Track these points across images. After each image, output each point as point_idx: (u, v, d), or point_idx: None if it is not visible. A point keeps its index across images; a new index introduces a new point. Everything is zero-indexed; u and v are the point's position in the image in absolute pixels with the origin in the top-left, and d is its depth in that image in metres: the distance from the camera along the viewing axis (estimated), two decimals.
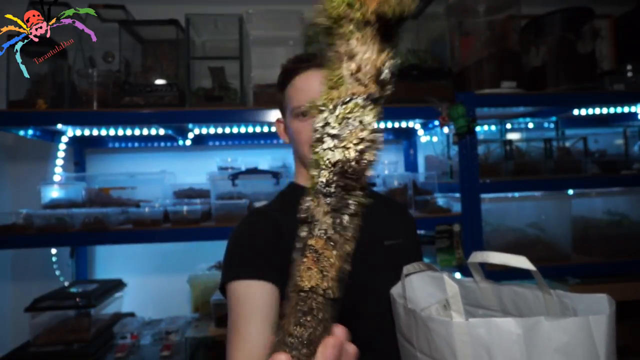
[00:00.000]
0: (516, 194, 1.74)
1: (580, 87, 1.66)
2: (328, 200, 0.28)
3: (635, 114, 1.94)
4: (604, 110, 1.88)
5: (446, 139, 1.82)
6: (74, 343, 1.47)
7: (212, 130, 1.91)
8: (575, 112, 1.87)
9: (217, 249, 1.89)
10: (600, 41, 1.97)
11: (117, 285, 1.73)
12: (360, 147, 0.27)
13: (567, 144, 1.90)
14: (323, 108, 0.28)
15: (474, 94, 1.59)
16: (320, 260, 0.29)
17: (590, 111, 1.87)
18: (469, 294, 0.79)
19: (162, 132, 1.80)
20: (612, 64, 1.98)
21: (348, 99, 0.27)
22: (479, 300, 0.78)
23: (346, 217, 0.29)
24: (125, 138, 1.90)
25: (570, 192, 1.78)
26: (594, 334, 0.54)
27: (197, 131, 1.88)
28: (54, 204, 1.59)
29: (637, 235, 1.70)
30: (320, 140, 0.28)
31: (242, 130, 1.86)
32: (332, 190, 0.28)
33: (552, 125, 2.04)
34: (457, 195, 1.58)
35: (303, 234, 0.30)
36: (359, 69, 0.27)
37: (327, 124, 0.27)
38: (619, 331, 0.57)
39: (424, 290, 0.82)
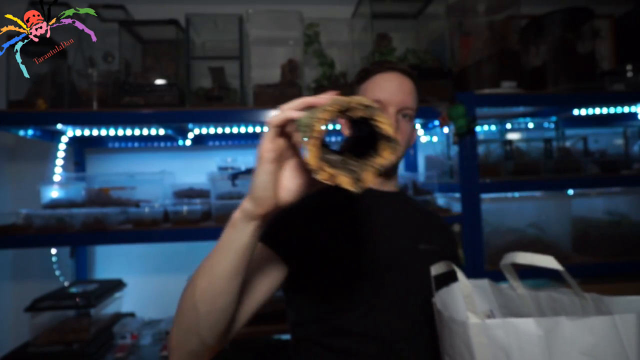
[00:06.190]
0: (516, 194, 1.74)
1: (580, 87, 1.65)
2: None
3: (635, 114, 1.94)
4: (604, 110, 1.87)
5: (446, 139, 1.82)
6: (74, 343, 1.47)
7: (212, 130, 1.91)
8: (575, 112, 1.86)
9: None
10: (600, 41, 1.97)
11: (117, 285, 1.74)
12: None
13: (567, 144, 1.90)
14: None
15: (474, 94, 1.59)
16: None
17: (590, 111, 1.87)
18: (508, 302, 0.74)
19: (162, 132, 1.80)
20: (612, 64, 1.98)
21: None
22: (518, 307, 0.74)
23: None
24: (125, 138, 1.90)
25: (570, 192, 1.77)
26: (622, 335, 0.50)
27: (197, 131, 1.88)
28: (54, 204, 1.59)
29: (637, 235, 1.70)
30: None
31: (242, 130, 1.86)
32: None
33: (552, 125, 2.04)
34: (457, 195, 1.58)
35: None
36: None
37: None
38: None
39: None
